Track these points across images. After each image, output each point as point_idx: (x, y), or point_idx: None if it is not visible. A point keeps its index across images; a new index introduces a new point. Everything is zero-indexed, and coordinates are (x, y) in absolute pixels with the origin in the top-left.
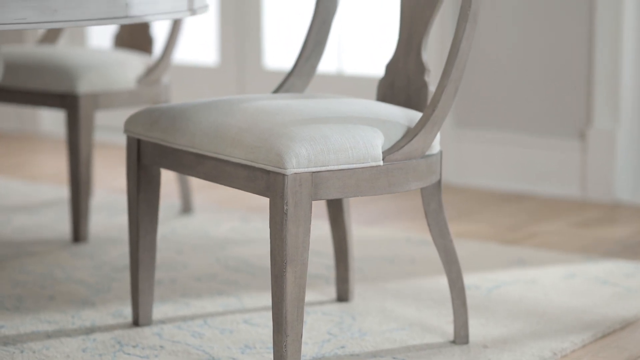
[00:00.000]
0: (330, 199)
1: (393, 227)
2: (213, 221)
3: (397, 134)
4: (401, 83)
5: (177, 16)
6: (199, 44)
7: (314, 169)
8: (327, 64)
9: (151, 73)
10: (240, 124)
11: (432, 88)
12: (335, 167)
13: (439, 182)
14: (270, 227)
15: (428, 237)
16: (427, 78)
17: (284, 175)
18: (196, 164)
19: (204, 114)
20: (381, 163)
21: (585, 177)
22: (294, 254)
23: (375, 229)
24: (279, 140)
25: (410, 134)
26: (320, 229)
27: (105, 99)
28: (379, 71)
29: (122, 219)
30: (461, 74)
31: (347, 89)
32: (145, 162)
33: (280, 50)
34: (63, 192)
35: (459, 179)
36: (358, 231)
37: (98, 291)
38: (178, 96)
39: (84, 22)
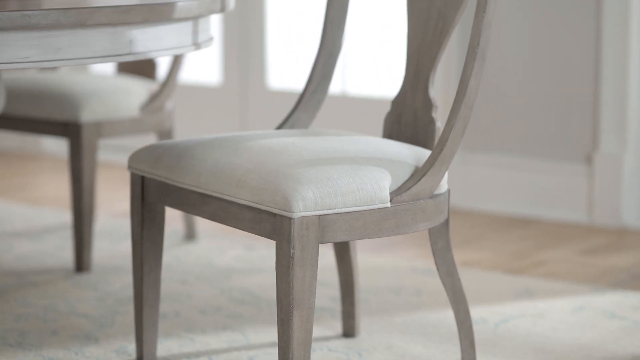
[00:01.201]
0: (337, 241)
1: (398, 255)
2: (217, 248)
3: (405, 174)
4: (408, 119)
5: (181, 51)
6: (201, 64)
7: (320, 212)
8: (331, 84)
9: (155, 100)
10: (246, 164)
11: (439, 124)
12: (342, 210)
13: (447, 220)
14: (276, 271)
15: (433, 266)
16: (434, 114)
17: (290, 218)
18: (201, 203)
19: (209, 152)
20: (389, 205)
21: (592, 202)
22: (300, 298)
23: (380, 257)
24: (285, 182)
25: (418, 174)
26: (324, 256)
27: (108, 127)
28: (383, 92)
29: (125, 246)
30: (470, 112)
31: (351, 110)
32: (149, 199)
33: (284, 70)
34: (65, 216)
35: (465, 203)
36: (363, 259)
37: (102, 325)
38: (181, 116)
39: (88, 60)
